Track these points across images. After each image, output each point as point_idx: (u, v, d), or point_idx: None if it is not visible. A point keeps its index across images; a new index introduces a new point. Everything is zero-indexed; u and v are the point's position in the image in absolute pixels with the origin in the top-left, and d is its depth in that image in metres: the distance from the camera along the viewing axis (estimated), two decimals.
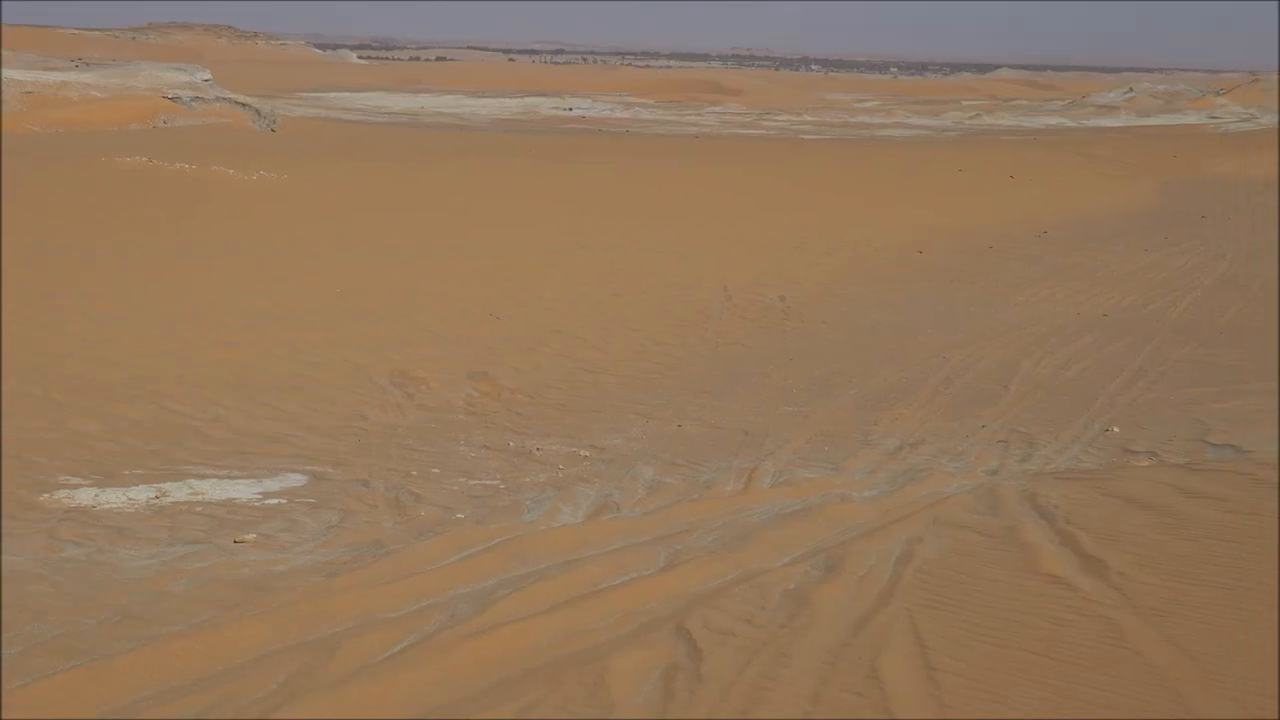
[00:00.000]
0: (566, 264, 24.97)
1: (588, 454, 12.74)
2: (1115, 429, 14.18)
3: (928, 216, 36.66)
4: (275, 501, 10.25)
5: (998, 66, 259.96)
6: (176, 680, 5.77)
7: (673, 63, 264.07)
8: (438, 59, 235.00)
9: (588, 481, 11.33)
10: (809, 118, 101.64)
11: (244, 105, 58.94)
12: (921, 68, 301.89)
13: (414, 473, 11.59)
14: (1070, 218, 38.63)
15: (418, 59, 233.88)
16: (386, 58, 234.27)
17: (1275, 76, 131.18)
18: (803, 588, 6.98)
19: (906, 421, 14.79)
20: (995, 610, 6.40)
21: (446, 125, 77.08)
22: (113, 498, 10.12)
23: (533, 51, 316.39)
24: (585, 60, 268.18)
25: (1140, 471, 11.11)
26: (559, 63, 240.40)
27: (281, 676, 5.81)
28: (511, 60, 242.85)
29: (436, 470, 11.74)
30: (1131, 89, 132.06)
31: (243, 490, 10.51)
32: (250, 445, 12.39)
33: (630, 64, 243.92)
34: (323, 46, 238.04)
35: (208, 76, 63.07)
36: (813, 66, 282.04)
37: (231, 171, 30.23)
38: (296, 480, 11.05)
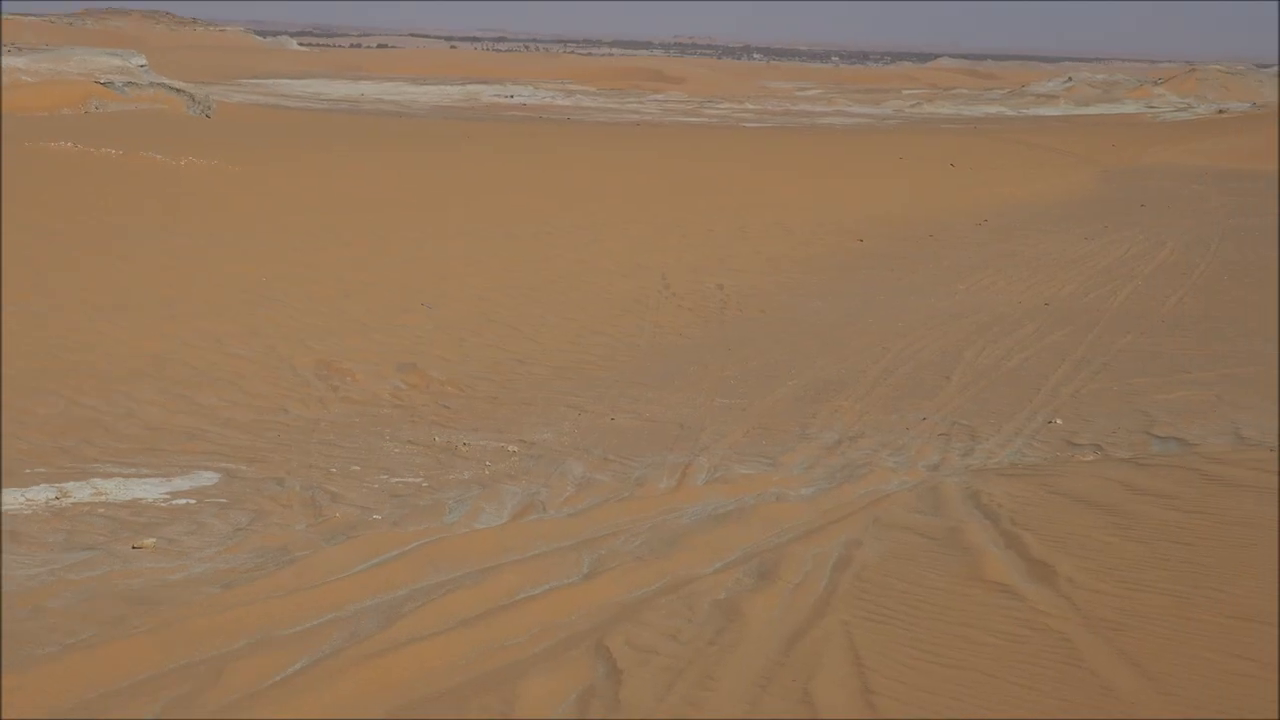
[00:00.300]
0: (501, 251, 24.47)
1: (516, 449, 12.27)
2: (1058, 421, 13.88)
3: (869, 204, 36.38)
4: (183, 502, 9.70)
5: (938, 55, 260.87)
6: (35, 711, 5.25)
7: (615, 51, 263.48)
8: (379, 46, 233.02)
9: (514, 479, 10.86)
10: (751, 106, 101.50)
11: (178, 91, 57.99)
12: (863, 56, 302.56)
13: (333, 470, 11.06)
14: (1011, 205, 38.47)
15: (359, 46, 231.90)
16: (328, 45, 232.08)
17: (1212, 67, 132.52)
18: (733, 597, 6.55)
19: (846, 414, 14.41)
20: (938, 623, 5.99)
21: (386, 112, 76.25)
22: (9, 499, 9.54)
23: (475, 39, 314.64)
24: (528, 48, 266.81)
25: (1086, 467, 10.77)
26: (501, 50, 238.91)
27: (158, 706, 5.31)
28: (454, 48, 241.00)
29: (357, 467, 11.22)
30: (1070, 78, 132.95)
31: (150, 490, 9.96)
32: (163, 441, 11.80)
33: (573, 52, 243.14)
34: (263, 33, 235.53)
35: (143, 62, 61.96)
36: (755, 55, 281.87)
37: (160, 157, 29.52)
38: (208, 478, 10.50)
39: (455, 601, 6.47)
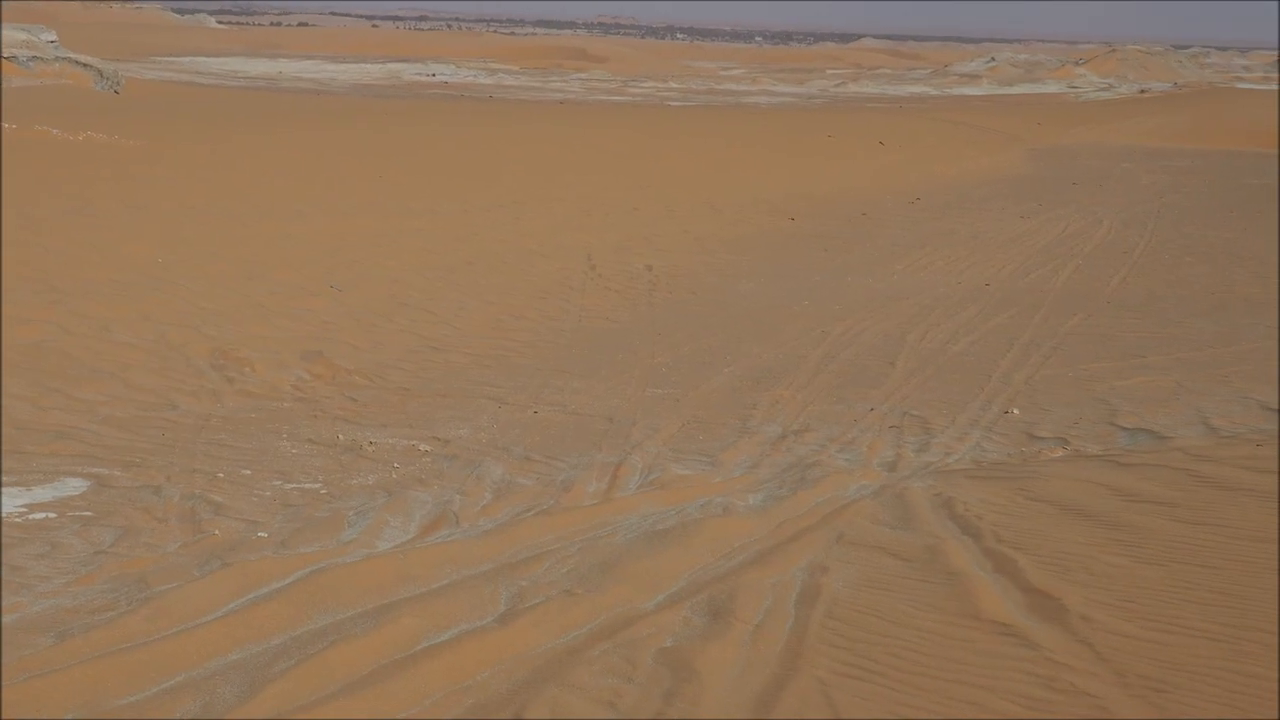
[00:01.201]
0: (417, 230, 23.14)
1: (428, 448, 11.04)
2: (1015, 411, 13.00)
3: (798, 182, 35.41)
4: (41, 516, 8.35)
5: (861, 36, 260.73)
6: None
7: (538, 30, 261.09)
8: (299, 24, 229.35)
9: (424, 484, 9.65)
10: (675, 85, 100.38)
11: (85, 66, 55.95)
12: (786, 37, 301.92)
13: (220, 475, 9.76)
14: (941, 184, 37.74)
15: (279, 24, 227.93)
16: (246, 23, 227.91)
17: (1131, 48, 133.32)
18: (682, 646, 5.38)
19: (788, 404, 13.34)
20: (936, 681, 4.87)
21: (304, 90, 74.34)
22: None
23: (397, 18, 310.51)
24: (450, 27, 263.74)
25: (1059, 466, 9.77)
26: (423, 29, 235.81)
27: None
28: (375, 26, 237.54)
29: (248, 471, 9.92)
30: (993, 58, 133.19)
31: (7, 501, 8.64)
32: (29, 443, 10.38)
33: (496, 31, 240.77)
34: (181, 11, 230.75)
35: (53, 38, 59.67)
36: (678, 35, 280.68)
37: (56, 131, 27.85)
38: (75, 486, 9.16)
39: (340, 657, 5.24)
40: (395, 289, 18.70)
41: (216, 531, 7.94)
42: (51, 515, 8.44)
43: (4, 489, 8.98)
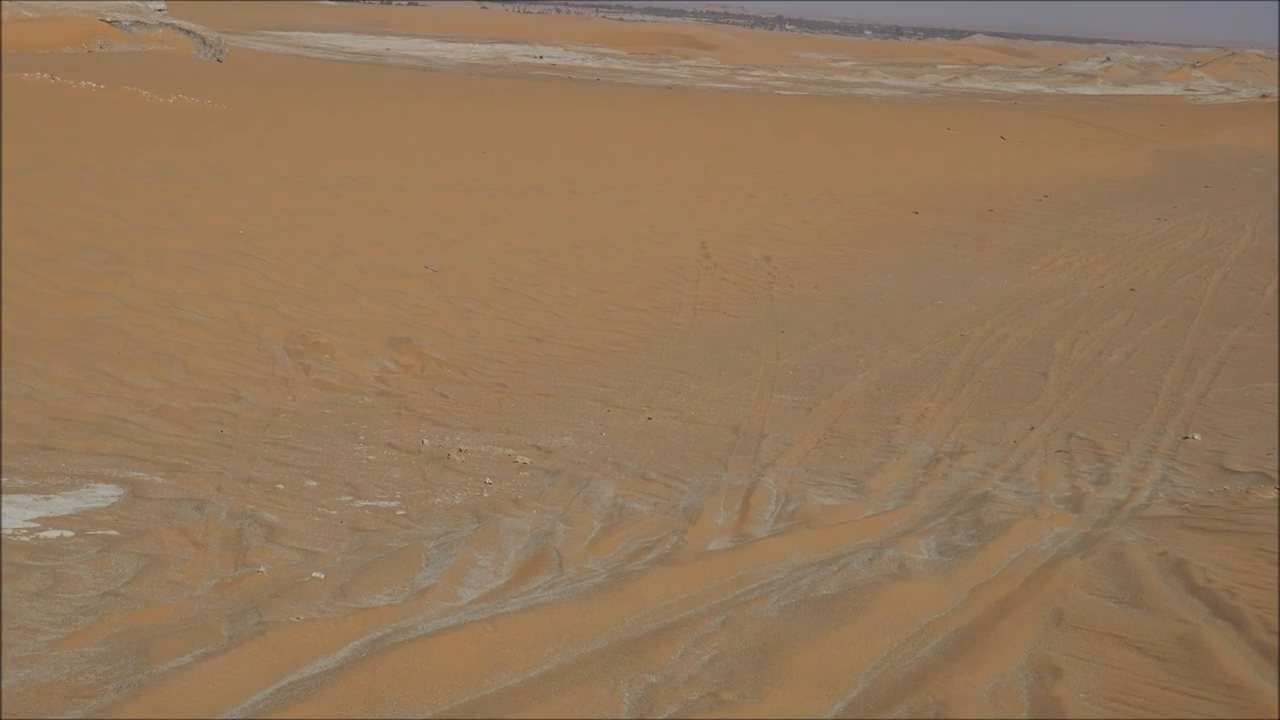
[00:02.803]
0: (520, 210, 21.61)
1: (527, 459, 9.46)
2: (1196, 436, 11.31)
3: (920, 175, 33.65)
4: (55, 534, 6.80)
5: (971, 33, 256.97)
6: None
7: (647, 17, 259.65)
8: (409, 3, 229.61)
9: (521, 506, 8.06)
10: (785, 74, 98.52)
11: (189, 32, 55.16)
12: (895, 31, 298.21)
13: (280, 486, 8.20)
14: (1067, 181, 35.84)
15: (389, 3, 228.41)
16: (357, 1, 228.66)
17: (1250, 52, 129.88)
18: None
19: (934, 418, 11.68)
20: None
21: (411, 66, 73.32)
22: None
23: (506, 0, 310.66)
24: (559, 11, 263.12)
25: None
26: (532, 12, 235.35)
27: None
28: (485, 8, 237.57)
29: (313, 483, 8.35)
30: (1109, 58, 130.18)
31: (18, 512, 7.12)
32: (63, 437, 8.86)
33: (605, 15, 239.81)
34: None
35: (161, 6, 58.96)
36: (787, 26, 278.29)
37: (145, 93, 26.59)
38: (104, 496, 7.61)
39: None
40: (495, 272, 17.18)
41: (263, 567, 6.36)
42: (68, 533, 6.90)
43: (19, 497, 7.49)
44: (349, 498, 8.14)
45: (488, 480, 8.81)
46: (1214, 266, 22.44)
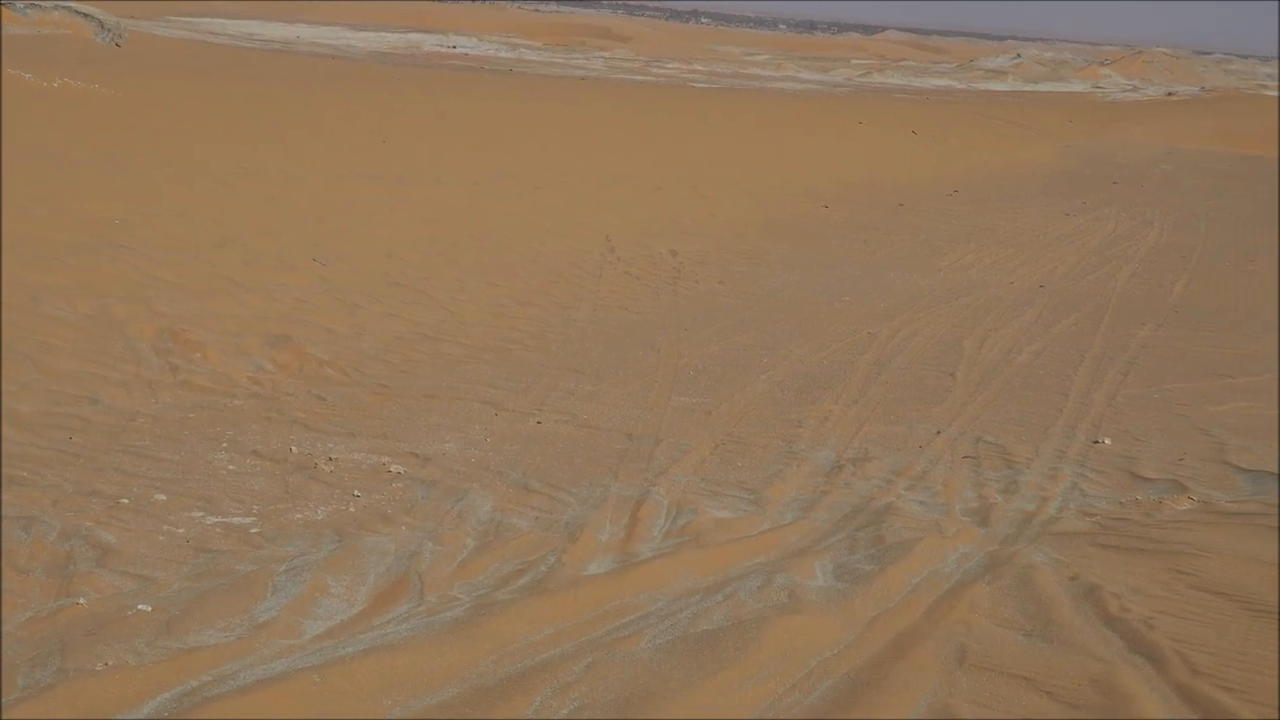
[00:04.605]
0: (418, 199, 20.90)
1: (401, 468, 8.82)
2: (1106, 440, 10.97)
3: (830, 168, 33.31)
4: None
5: (885, 28, 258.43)
6: None
7: (563, 8, 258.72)
8: None
9: (389, 522, 7.43)
10: (699, 67, 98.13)
11: (86, 16, 53.68)
12: (810, 26, 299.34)
13: (125, 500, 7.49)
14: (978, 176, 35.76)
15: None
16: None
17: (1157, 50, 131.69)
18: None
19: (839, 422, 11.20)
20: None
21: (320, 55, 72.06)
22: None
23: None
24: (474, 1, 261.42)
25: (1202, 532, 7.57)
26: (447, 2, 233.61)
27: None
28: None
29: (162, 496, 7.65)
30: (1019, 55, 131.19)
31: None
32: None
33: (520, 6, 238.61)
34: None
35: None
36: (703, 19, 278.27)
37: (28, 76, 25.56)
38: None
39: None
40: (388, 265, 16.49)
41: (82, 599, 5.69)
42: None
43: None
44: (200, 513, 7.46)
45: (356, 493, 8.17)
46: (1123, 263, 22.27)
